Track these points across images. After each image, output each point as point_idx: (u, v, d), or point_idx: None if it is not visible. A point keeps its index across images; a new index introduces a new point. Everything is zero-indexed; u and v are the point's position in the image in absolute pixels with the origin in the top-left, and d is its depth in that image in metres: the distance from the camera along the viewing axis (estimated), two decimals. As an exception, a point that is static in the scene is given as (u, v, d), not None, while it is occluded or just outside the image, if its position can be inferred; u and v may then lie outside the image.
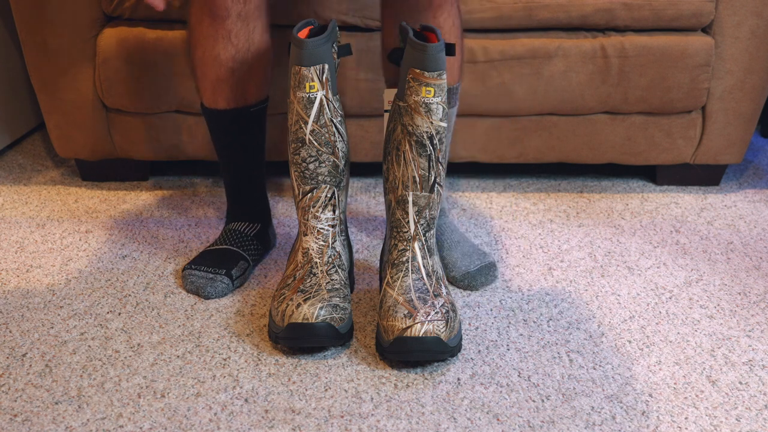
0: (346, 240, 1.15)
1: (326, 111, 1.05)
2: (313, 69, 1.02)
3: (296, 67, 1.02)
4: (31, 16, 1.40)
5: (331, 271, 1.08)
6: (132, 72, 1.43)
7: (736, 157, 1.56)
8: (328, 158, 1.07)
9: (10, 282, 1.22)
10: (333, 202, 1.10)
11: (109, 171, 1.58)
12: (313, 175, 1.07)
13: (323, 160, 1.07)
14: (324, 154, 1.06)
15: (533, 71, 1.44)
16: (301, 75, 1.02)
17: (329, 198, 1.09)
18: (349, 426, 0.93)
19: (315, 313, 1.01)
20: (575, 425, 0.93)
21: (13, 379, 1.00)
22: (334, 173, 1.08)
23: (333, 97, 1.05)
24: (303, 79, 1.02)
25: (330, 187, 1.09)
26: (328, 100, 1.04)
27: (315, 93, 1.03)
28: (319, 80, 1.03)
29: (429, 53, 0.98)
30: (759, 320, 1.15)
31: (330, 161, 1.07)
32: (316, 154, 1.06)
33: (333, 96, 1.05)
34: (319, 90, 1.03)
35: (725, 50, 1.45)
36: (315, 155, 1.06)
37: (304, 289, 1.05)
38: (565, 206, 1.51)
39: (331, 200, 1.09)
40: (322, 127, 1.05)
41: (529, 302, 1.19)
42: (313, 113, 1.04)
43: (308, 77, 1.02)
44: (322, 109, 1.04)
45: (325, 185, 1.08)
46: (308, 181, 1.08)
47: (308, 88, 1.03)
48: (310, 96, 1.03)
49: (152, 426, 0.92)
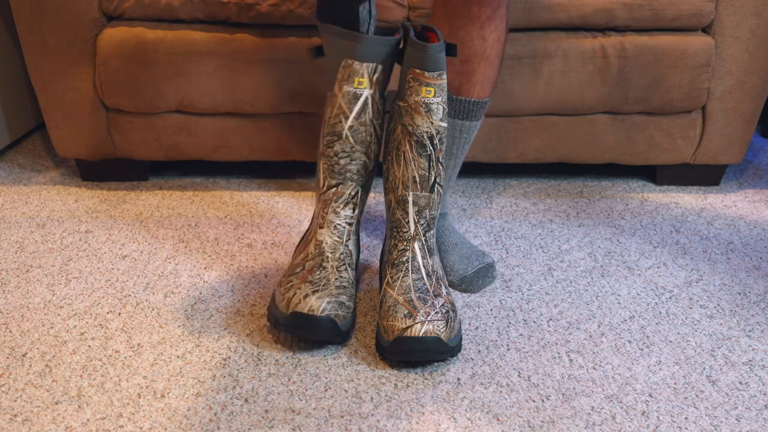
0: (358, 241, 1.15)
1: (368, 110, 1.04)
2: (365, 65, 1.01)
3: (348, 60, 1.01)
4: (31, 16, 1.40)
5: (341, 268, 1.08)
6: (132, 72, 1.43)
7: (736, 157, 1.56)
8: (360, 156, 1.07)
9: (10, 282, 1.22)
10: (355, 200, 1.10)
11: (109, 171, 1.58)
12: (342, 171, 1.07)
13: (355, 158, 1.07)
14: (357, 152, 1.06)
15: (533, 71, 1.44)
16: (352, 69, 1.02)
17: (352, 196, 1.09)
18: (349, 426, 0.93)
19: (321, 306, 1.02)
20: (575, 425, 0.93)
21: (13, 379, 1.00)
22: (362, 172, 1.08)
23: (379, 99, 1.05)
24: (353, 74, 1.02)
25: (356, 185, 1.09)
26: (374, 100, 1.04)
27: (362, 90, 1.03)
28: (369, 78, 1.02)
29: (429, 53, 0.98)
30: (759, 320, 1.15)
31: (361, 160, 1.07)
32: (350, 151, 1.06)
33: (379, 98, 1.05)
34: (367, 88, 1.03)
35: (725, 50, 1.45)
36: (348, 151, 1.06)
37: (312, 280, 1.05)
38: (565, 206, 1.51)
39: (354, 198, 1.09)
40: (362, 125, 1.05)
41: (529, 302, 1.19)
42: (356, 109, 1.04)
43: (359, 72, 1.02)
44: (365, 107, 1.04)
45: (352, 182, 1.08)
46: (336, 176, 1.08)
47: (357, 84, 1.02)
48: (357, 92, 1.03)
49: (152, 426, 0.92)
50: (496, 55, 1.14)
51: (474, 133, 1.22)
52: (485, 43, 1.12)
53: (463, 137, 1.20)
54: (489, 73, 1.15)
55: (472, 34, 1.11)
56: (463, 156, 1.24)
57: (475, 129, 1.21)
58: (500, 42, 1.14)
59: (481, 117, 1.20)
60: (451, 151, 1.21)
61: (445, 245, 1.25)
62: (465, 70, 1.14)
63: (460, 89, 1.15)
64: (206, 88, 1.44)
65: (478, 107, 1.17)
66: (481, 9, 1.09)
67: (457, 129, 1.19)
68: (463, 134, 1.20)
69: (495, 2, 1.09)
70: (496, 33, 1.12)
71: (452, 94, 1.16)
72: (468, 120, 1.18)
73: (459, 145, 1.21)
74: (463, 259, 1.23)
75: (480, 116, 1.19)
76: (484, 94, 1.17)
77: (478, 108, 1.17)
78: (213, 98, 1.45)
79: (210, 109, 1.47)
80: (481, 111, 1.19)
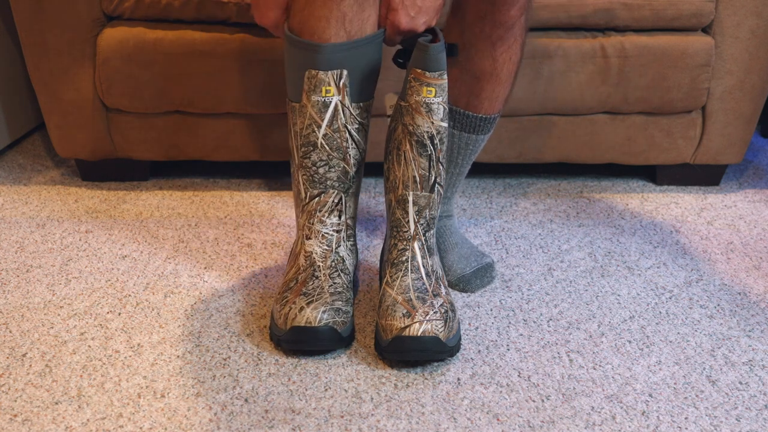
0: (353, 245, 1.14)
1: (340, 116, 1.04)
2: (330, 74, 1.02)
3: (312, 71, 1.02)
4: (31, 16, 1.40)
5: (333, 275, 1.08)
6: (132, 72, 1.43)
7: (736, 157, 1.56)
8: (338, 163, 1.06)
9: (10, 282, 1.22)
10: (340, 207, 1.09)
11: (109, 171, 1.58)
12: (322, 180, 1.07)
13: (333, 165, 1.06)
14: (334, 159, 1.06)
15: (533, 71, 1.44)
16: (317, 79, 1.02)
17: (336, 203, 1.09)
18: (349, 426, 0.93)
19: (318, 317, 1.01)
20: (575, 425, 0.93)
21: (13, 379, 1.00)
22: (343, 179, 1.08)
23: (351, 103, 1.05)
24: (319, 83, 1.02)
25: (338, 192, 1.08)
26: (344, 105, 1.04)
27: (331, 97, 1.03)
28: (336, 85, 1.02)
29: (430, 53, 0.98)
30: (759, 320, 1.15)
31: (340, 167, 1.07)
32: (327, 159, 1.06)
33: (351, 102, 1.05)
34: (335, 94, 1.03)
35: (725, 50, 1.45)
36: (326, 159, 1.06)
37: (306, 292, 1.05)
38: (565, 206, 1.51)
39: (338, 206, 1.09)
40: (335, 131, 1.05)
41: (529, 302, 1.19)
42: (327, 117, 1.04)
43: (324, 81, 1.02)
44: (336, 113, 1.04)
45: (333, 190, 1.08)
46: (317, 185, 1.08)
47: (324, 92, 1.02)
48: (326, 100, 1.03)
49: (152, 426, 0.92)
50: (508, 75, 1.14)
51: (482, 145, 1.22)
52: (495, 63, 1.11)
53: (469, 149, 1.20)
54: (499, 91, 1.15)
55: (483, 53, 1.10)
56: (469, 165, 1.24)
57: (482, 141, 1.21)
58: (512, 62, 1.13)
59: (490, 131, 1.20)
60: (458, 161, 1.22)
61: (446, 245, 1.25)
62: (474, 87, 1.14)
63: (468, 105, 1.15)
64: (206, 88, 1.44)
65: (486, 122, 1.17)
66: (493, 29, 1.08)
67: (464, 141, 1.19)
68: (470, 146, 1.20)
69: (509, 23, 1.08)
70: (507, 53, 1.11)
71: (460, 108, 1.16)
72: (475, 134, 1.18)
73: (465, 155, 1.21)
74: (462, 258, 1.23)
75: (488, 130, 1.19)
76: (492, 110, 1.17)
77: (486, 123, 1.17)
78: (213, 98, 1.45)
79: (210, 109, 1.47)
80: (490, 126, 1.19)
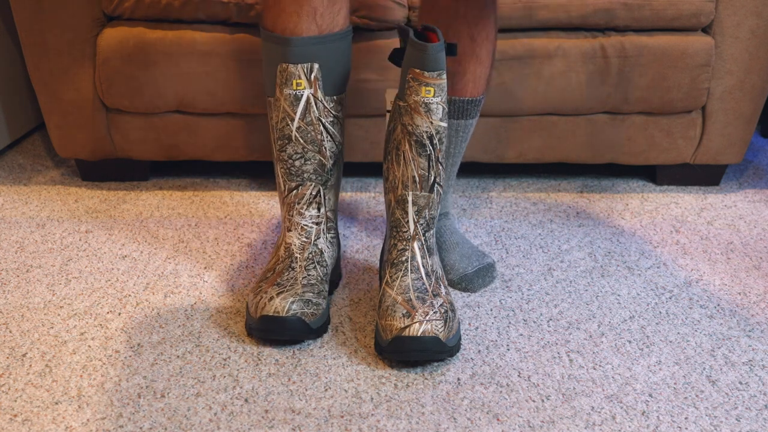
0: (335, 238, 1.15)
1: (313, 109, 1.05)
2: (300, 67, 1.03)
3: (283, 64, 1.03)
4: (31, 16, 1.40)
5: (309, 267, 1.09)
6: (132, 72, 1.43)
7: (736, 157, 1.56)
8: (313, 156, 1.08)
9: (10, 282, 1.22)
10: (318, 200, 1.11)
11: (109, 171, 1.58)
12: (298, 172, 1.09)
13: (309, 158, 1.08)
14: (309, 152, 1.07)
15: (533, 71, 1.44)
16: (288, 72, 1.03)
17: (314, 196, 1.10)
18: (349, 426, 0.93)
19: (286, 306, 1.03)
20: (575, 425, 0.93)
21: (13, 379, 1.00)
22: (320, 171, 1.09)
23: (324, 97, 1.06)
24: (290, 77, 1.03)
25: (315, 185, 1.10)
26: (317, 99, 1.05)
27: (302, 90, 1.04)
28: (306, 78, 1.03)
29: (429, 53, 0.98)
30: (759, 320, 1.15)
31: (316, 159, 1.08)
32: (302, 152, 1.07)
33: (324, 96, 1.06)
34: (306, 88, 1.04)
35: (725, 50, 1.45)
36: (301, 152, 1.07)
37: (280, 282, 1.07)
38: (565, 206, 1.51)
39: (316, 198, 1.11)
40: (309, 125, 1.06)
41: (529, 302, 1.19)
42: (299, 110, 1.05)
43: (295, 74, 1.03)
44: (309, 106, 1.05)
45: (311, 183, 1.09)
46: (294, 178, 1.09)
47: (295, 86, 1.04)
48: (297, 93, 1.04)
49: (152, 426, 0.92)
50: (487, 54, 1.16)
51: (470, 131, 1.22)
52: (474, 44, 1.13)
53: (460, 136, 1.21)
54: (480, 71, 1.16)
55: (460, 34, 1.12)
56: (461, 155, 1.24)
57: (471, 127, 1.21)
58: (489, 40, 1.15)
59: (477, 114, 1.21)
60: (449, 150, 1.22)
61: (447, 244, 1.25)
62: (456, 69, 1.15)
63: (453, 89, 1.16)
64: (206, 88, 1.44)
65: (473, 105, 1.18)
66: (467, 9, 1.10)
67: (453, 128, 1.19)
68: (460, 133, 1.20)
69: (482, 2, 1.10)
70: (485, 32, 1.13)
71: None
72: (463, 119, 1.19)
73: (456, 143, 1.22)
74: (463, 258, 1.23)
75: (475, 114, 1.20)
76: (477, 92, 1.18)
77: (473, 106, 1.18)
78: (213, 98, 1.45)
79: (210, 109, 1.47)
80: (476, 109, 1.19)
